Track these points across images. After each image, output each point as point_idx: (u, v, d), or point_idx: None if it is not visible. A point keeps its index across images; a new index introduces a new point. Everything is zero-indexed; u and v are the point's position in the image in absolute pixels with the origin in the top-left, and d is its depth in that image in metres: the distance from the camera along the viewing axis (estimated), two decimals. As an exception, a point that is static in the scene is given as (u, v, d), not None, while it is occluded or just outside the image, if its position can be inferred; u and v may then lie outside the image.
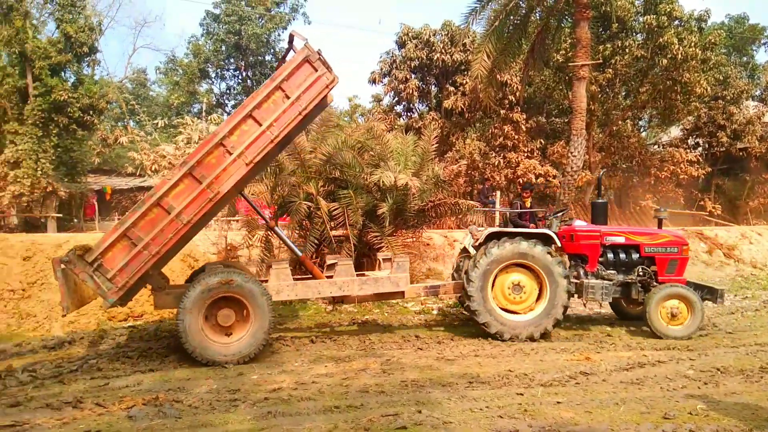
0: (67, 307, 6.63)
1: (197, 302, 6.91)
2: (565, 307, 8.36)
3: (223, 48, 33.29)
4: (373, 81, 23.14)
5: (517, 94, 20.46)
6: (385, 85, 23.00)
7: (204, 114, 26.60)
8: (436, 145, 12.81)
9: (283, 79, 7.05)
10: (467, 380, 6.09)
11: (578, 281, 8.70)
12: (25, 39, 20.13)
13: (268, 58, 35.07)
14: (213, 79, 36.38)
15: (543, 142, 22.07)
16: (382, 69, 22.83)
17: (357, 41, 77.38)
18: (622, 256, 8.89)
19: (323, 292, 8.36)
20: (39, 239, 13.50)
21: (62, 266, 6.50)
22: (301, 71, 7.15)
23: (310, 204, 11.70)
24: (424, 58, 21.69)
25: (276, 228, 9.10)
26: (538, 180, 20.18)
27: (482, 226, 10.85)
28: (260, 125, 6.97)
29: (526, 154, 20.98)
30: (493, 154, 20.81)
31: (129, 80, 37.33)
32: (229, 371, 6.64)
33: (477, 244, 8.69)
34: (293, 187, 12.17)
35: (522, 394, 5.60)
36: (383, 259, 9.05)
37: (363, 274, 8.78)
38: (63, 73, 21.32)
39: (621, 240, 8.87)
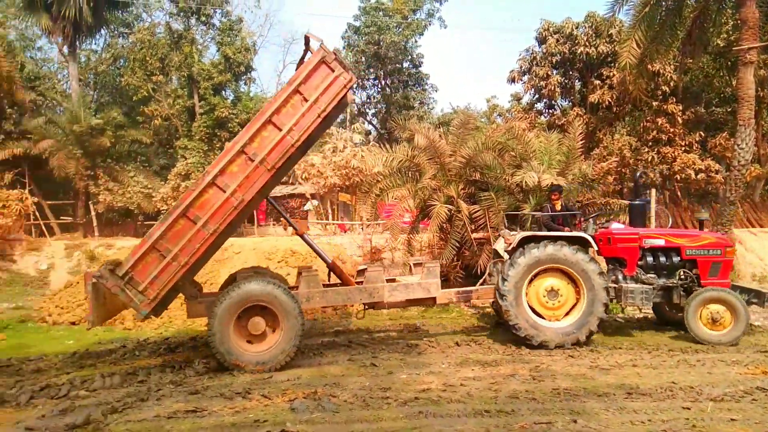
0: (93, 321, 6.82)
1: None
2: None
3: (363, 59, 34.54)
4: (512, 80, 22.69)
5: (672, 83, 18.92)
6: (524, 83, 22.44)
7: (348, 123, 27.78)
8: (582, 142, 12.25)
9: (300, 82, 6.99)
10: (625, 391, 5.75)
11: (616, 286, 8.38)
12: (192, 63, 22.43)
13: (405, 65, 35.82)
14: (354, 90, 37.89)
15: (703, 134, 20.18)
16: (521, 67, 22.30)
17: (494, 41, 76.32)
18: (662, 259, 8.57)
19: (353, 299, 8.28)
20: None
21: (93, 281, 6.64)
22: (318, 73, 7.07)
23: (450, 207, 11.75)
24: (567, 52, 20.84)
25: (304, 235, 8.95)
26: (698, 176, 18.48)
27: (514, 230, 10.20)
28: (280, 130, 6.93)
29: (683, 148, 19.31)
30: (646, 149, 19.43)
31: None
32: (379, 369, 6.87)
33: (510, 248, 8.45)
34: (433, 191, 12.29)
35: (689, 409, 5.17)
36: (414, 264, 9.08)
37: (393, 280, 8.83)
38: (223, 92, 23.44)
39: (661, 242, 8.55)
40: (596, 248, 8.41)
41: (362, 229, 16.75)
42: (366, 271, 8.34)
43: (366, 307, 8.74)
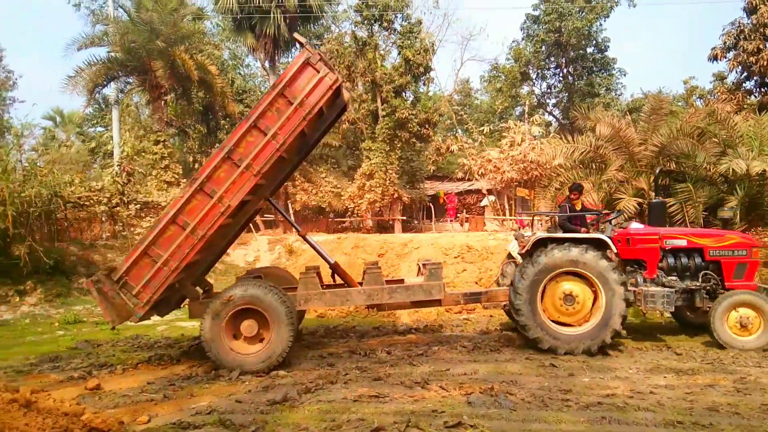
0: (113, 321, 7.00)
1: (219, 319, 7.05)
2: (624, 317, 7.39)
3: (543, 48, 33.37)
4: (714, 58, 20.29)
5: None
6: (729, 60, 19.93)
7: (526, 116, 27.11)
8: (806, 123, 10.59)
9: (285, 85, 6.83)
10: None
11: (636, 289, 7.80)
12: (375, 68, 23.56)
13: (589, 50, 33.88)
14: (534, 81, 36.78)
15: None
16: (725, 42, 19.84)
17: (691, 16, 68.69)
18: (684, 260, 8.07)
19: (352, 300, 7.98)
20: (389, 239, 15.67)
21: (92, 286, 6.90)
22: (303, 75, 6.87)
23: (640, 201, 10.91)
24: (785, 21, 18.04)
25: (306, 236, 9.05)
26: None
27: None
28: (265, 135, 6.82)
29: None
30: None
31: (456, 92, 40.43)
32: (559, 370, 6.64)
33: (523, 251, 7.81)
34: (620, 183, 11.51)
35: None
36: (423, 264, 8.54)
37: (394, 281, 8.48)
38: (404, 94, 24.27)
39: (682, 243, 8.04)
40: (615, 250, 7.74)
41: (541, 224, 16.24)
42: (364, 273, 8.06)
43: (369, 308, 8.59)
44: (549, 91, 37.21)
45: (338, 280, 8.49)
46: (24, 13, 59.44)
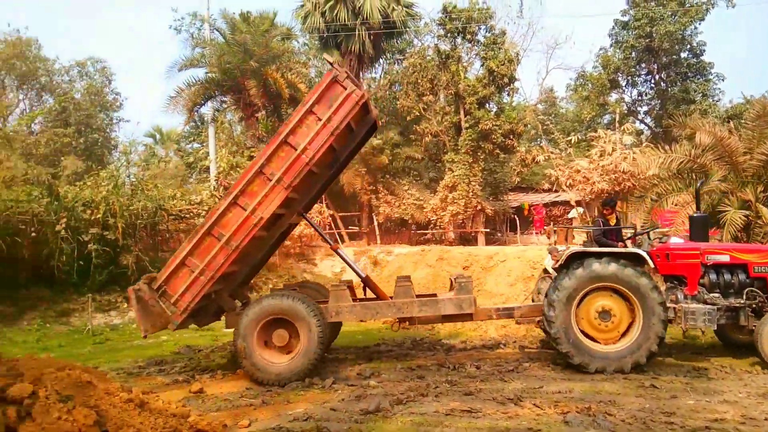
0: (146, 330, 7.33)
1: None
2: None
3: (633, 54, 32.07)
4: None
5: None
6: None
7: (617, 124, 26.15)
8: None
9: (314, 103, 7.09)
10: None
11: (676, 306, 7.48)
12: (459, 80, 23.55)
13: (683, 55, 32.21)
14: (623, 88, 35.38)
15: None
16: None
17: (801, 13, 63.67)
18: (727, 276, 7.70)
19: (381, 314, 8.08)
20: (474, 251, 15.57)
21: (135, 294, 7.24)
22: (331, 92, 7.10)
23: (746, 213, 10.24)
24: None
25: (339, 250, 9.22)
26: None
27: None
28: (295, 150, 7.07)
29: None
30: None
31: (541, 102, 39.61)
32: (661, 392, 6.34)
33: (558, 265, 7.68)
34: (723, 194, 10.86)
35: None
36: (454, 278, 8.48)
37: (425, 296, 8.43)
38: (487, 105, 24.07)
39: (725, 258, 7.70)
40: (652, 265, 7.54)
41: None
42: (396, 287, 8.09)
43: (400, 321, 8.53)
44: (640, 98, 35.64)
45: (370, 294, 8.66)
46: (126, 38, 64.26)
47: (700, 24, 31.14)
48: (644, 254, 7.46)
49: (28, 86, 32.35)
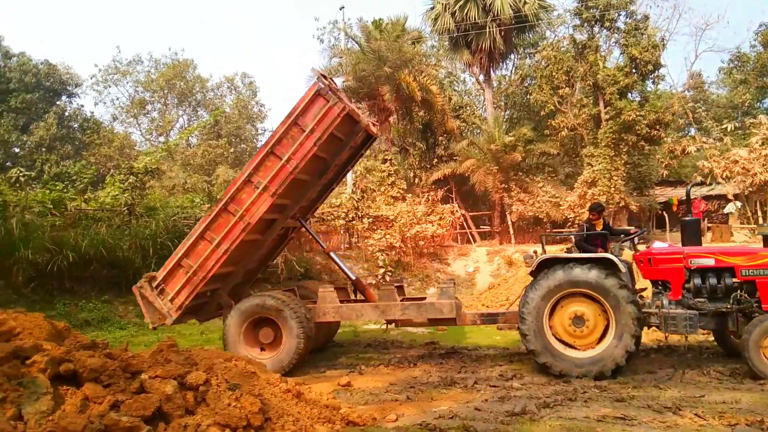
0: (153, 322, 8.00)
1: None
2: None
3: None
4: None
5: None
6: None
7: (781, 108, 23.39)
8: None
9: (298, 115, 7.57)
10: None
11: (659, 312, 7.36)
12: (597, 71, 22.43)
13: None
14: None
15: None
16: None
17: None
18: (713, 281, 7.37)
19: (365, 316, 8.57)
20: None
21: (137, 291, 7.95)
22: (315, 104, 7.57)
23: None
24: None
25: (331, 253, 9.83)
26: None
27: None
28: (281, 159, 7.58)
29: None
30: None
31: (689, 88, 36.50)
32: None
33: (530, 272, 7.67)
34: None
35: None
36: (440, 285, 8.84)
37: (412, 299, 8.86)
38: (629, 94, 22.68)
39: (710, 262, 7.41)
40: (623, 270, 7.29)
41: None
42: (380, 290, 8.60)
43: (387, 323, 8.91)
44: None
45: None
46: (270, 51, 68.77)
47: None
48: (614, 258, 7.33)
49: (186, 103, 35.91)
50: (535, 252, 7.99)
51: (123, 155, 26.49)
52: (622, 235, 8.60)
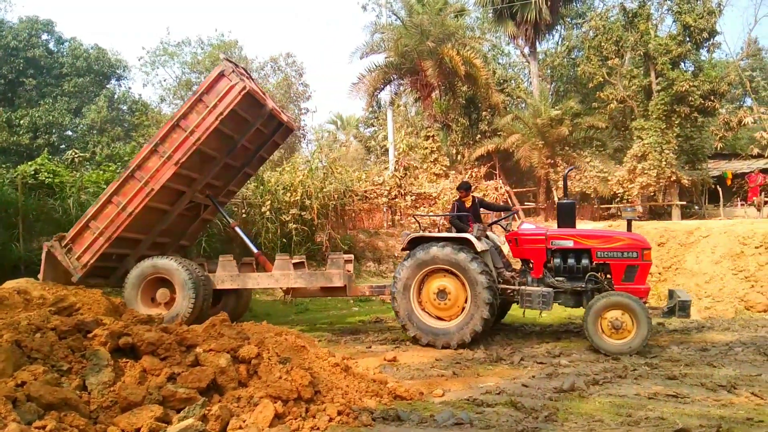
0: (45, 279, 8.60)
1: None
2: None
3: None
4: None
5: None
6: None
7: None
8: None
9: (203, 92, 8.37)
10: None
11: (520, 288, 7.94)
12: (648, 40, 21.57)
13: None
14: None
15: None
16: None
17: None
18: (572, 261, 7.91)
19: (261, 284, 9.48)
20: (671, 226, 14.33)
21: (47, 248, 8.59)
22: (218, 83, 8.32)
23: None
24: None
25: (237, 228, 10.40)
26: None
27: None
28: (185, 131, 8.33)
29: None
30: None
31: (747, 56, 34.74)
32: None
33: (402, 249, 8.43)
34: None
35: None
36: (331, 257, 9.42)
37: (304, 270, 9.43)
38: (682, 64, 21.76)
39: (569, 244, 7.92)
40: (479, 248, 7.79)
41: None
42: (275, 261, 9.27)
43: (285, 292, 9.75)
44: None
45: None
46: (318, 31, 68.81)
47: None
48: (472, 238, 7.84)
49: (231, 84, 36.29)
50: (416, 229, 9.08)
51: (171, 136, 27.12)
52: (492, 215, 9.42)
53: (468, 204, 9.12)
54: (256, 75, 36.66)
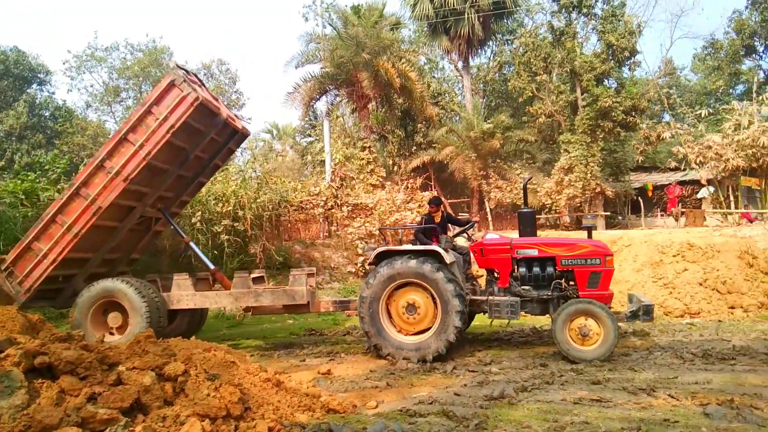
0: None
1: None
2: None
3: (775, 15, 29.02)
4: None
5: None
6: None
7: (753, 94, 23.82)
8: None
9: (152, 103, 7.77)
10: None
11: (488, 298, 7.95)
12: (574, 57, 22.56)
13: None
14: (760, 54, 32.10)
15: None
16: None
17: None
18: (537, 269, 7.98)
19: (219, 303, 8.91)
20: (596, 236, 14.89)
21: None
22: (169, 94, 7.74)
23: None
24: None
25: (191, 243, 9.99)
26: None
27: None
28: (134, 145, 7.76)
29: None
30: None
31: (663, 75, 36.92)
32: (817, 387, 5.78)
33: (368, 264, 8.28)
34: None
35: None
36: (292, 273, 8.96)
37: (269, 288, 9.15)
38: (606, 81, 22.87)
39: (534, 252, 7.99)
40: (447, 261, 7.63)
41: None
42: (234, 279, 8.77)
43: (245, 310, 9.24)
44: (785, 64, 32.21)
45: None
46: (251, 39, 67.85)
47: None
48: (440, 250, 7.69)
49: (161, 91, 35.29)
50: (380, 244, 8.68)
51: (97, 144, 25.97)
52: (458, 227, 9.16)
53: (438, 219, 8.99)
54: (189, 82, 35.84)
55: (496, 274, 8.25)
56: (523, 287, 7.96)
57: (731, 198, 22.86)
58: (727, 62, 31.63)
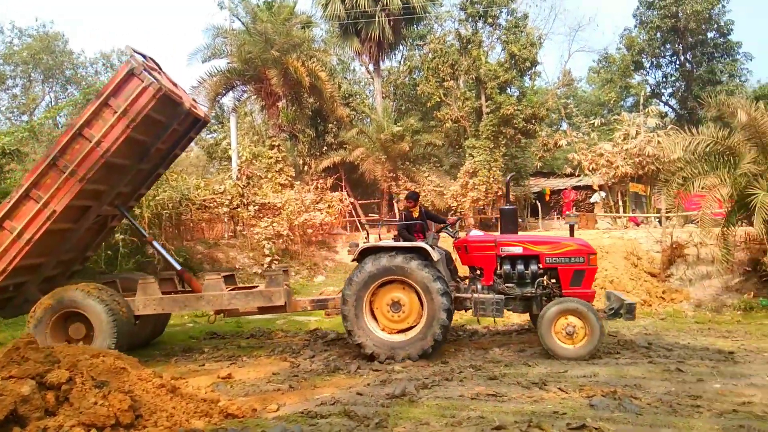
0: None
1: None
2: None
3: (658, 35, 31.51)
4: None
5: None
6: None
7: (641, 107, 25.72)
8: None
9: (109, 95, 7.04)
10: None
11: (472, 296, 7.82)
12: (480, 65, 23.36)
13: (710, 35, 31.52)
14: (647, 70, 34.80)
15: None
16: None
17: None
18: (521, 267, 7.93)
19: (191, 306, 8.32)
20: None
21: None
22: (128, 84, 7.07)
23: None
24: None
25: (154, 242, 9.71)
26: None
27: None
28: (90, 142, 7.03)
29: None
30: None
31: (562, 85, 39.13)
32: (687, 375, 6.32)
33: (352, 260, 8.07)
34: (754, 177, 10.67)
35: None
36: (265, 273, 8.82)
37: (241, 288, 8.70)
38: (509, 90, 23.85)
39: (518, 250, 7.94)
40: (435, 258, 7.58)
41: (659, 222, 15.30)
42: (205, 281, 8.31)
43: (216, 313, 8.67)
44: (664, 80, 35.07)
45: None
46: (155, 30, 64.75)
47: (728, 2, 30.43)
48: (427, 247, 7.61)
49: (53, 80, 32.92)
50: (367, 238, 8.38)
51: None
52: (441, 224, 8.98)
53: (416, 214, 8.81)
54: (85, 72, 33.65)
55: (479, 272, 8.15)
56: (506, 285, 7.90)
57: (620, 203, 24.55)
58: (618, 76, 33.95)
